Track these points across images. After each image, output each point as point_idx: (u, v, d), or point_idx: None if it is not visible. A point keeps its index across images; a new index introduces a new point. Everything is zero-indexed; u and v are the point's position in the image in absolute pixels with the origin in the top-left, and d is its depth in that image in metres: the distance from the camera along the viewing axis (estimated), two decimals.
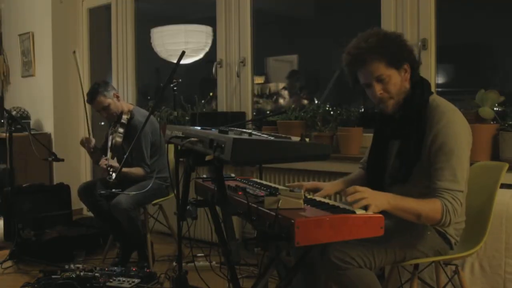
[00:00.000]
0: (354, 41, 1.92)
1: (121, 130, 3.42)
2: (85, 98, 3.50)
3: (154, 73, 5.75)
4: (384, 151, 2.03)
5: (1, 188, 4.15)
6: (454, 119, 1.83)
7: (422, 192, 1.83)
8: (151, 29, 4.16)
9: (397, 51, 1.88)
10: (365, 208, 1.64)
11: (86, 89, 3.63)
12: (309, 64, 4.47)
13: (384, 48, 1.86)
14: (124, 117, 3.46)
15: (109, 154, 3.30)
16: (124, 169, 3.28)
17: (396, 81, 1.90)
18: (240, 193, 1.92)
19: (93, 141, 3.45)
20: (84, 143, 3.46)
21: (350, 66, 1.94)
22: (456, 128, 1.81)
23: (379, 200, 1.68)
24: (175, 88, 3.39)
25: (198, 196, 2.30)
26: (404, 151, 1.92)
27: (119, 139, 3.39)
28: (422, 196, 1.79)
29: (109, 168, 3.19)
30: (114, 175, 3.17)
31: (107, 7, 5.24)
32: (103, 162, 3.28)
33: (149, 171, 3.42)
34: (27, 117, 5.27)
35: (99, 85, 3.46)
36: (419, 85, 1.94)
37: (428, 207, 1.75)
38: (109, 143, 3.36)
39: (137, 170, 3.39)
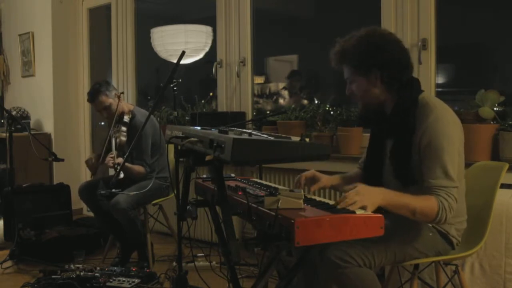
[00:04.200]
0: (343, 38, 1.97)
1: (124, 129, 3.42)
2: (86, 98, 3.51)
3: (154, 73, 5.75)
4: (380, 150, 2.03)
5: (1, 188, 4.15)
6: (442, 115, 1.82)
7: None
8: (151, 29, 4.15)
9: (366, 61, 1.89)
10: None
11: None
12: (309, 64, 4.46)
13: (354, 55, 1.91)
14: (126, 117, 3.46)
15: (115, 153, 3.31)
16: (128, 164, 3.29)
17: (362, 86, 1.94)
18: (240, 193, 1.92)
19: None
20: (90, 165, 3.49)
21: (331, 61, 2.02)
22: (444, 124, 1.80)
23: (372, 196, 1.68)
24: (175, 88, 3.39)
25: (198, 196, 2.30)
26: (395, 150, 1.92)
27: (123, 138, 3.39)
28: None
29: (116, 166, 3.19)
30: (122, 174, 3.18)
31: (107, 7, 5.25)
32: (109, 160, 3.28)
33: (149, 171, 3.42)
34: (27, 117, 5.28)
35: (100, 85, 3.46)
36: (409, 85, 1.93)
37: (424, 203, 1.75)
38: (113, 143, 3.36)
39: (139, 168, 3.39)
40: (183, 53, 2.55)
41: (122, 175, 3.19)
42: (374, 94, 1.94)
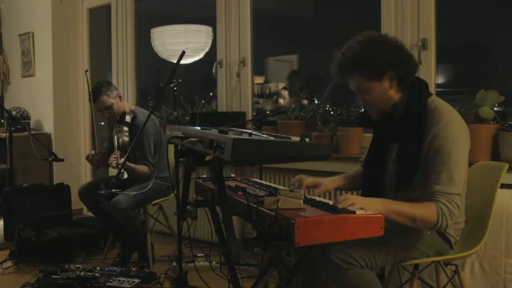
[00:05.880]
0: (341, 50, 1.92)
1: (126, 129, 3.42)
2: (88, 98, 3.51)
3: (154, 73, 5.74)
4: (383, 153, 2.02)
5: (1, 188, 4.15)
6: (451, 121, 1.81)
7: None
8: (151, 29, 4.16)
9: (378, 63, 1.83)
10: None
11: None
12: (309, 64, 4.47)
13: (362, 61, 1.84)
14: (128, 117, 3.46)
15: (117, 153, 3.31)
16: (131, 164, 3.29)
17: (376, 92, 1.88)
18: (240, 193, 1.92)
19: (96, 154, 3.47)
20: (91, 159, 3.48)
21: (335, 77, 1.96)
22: (453, 130, 1.80)
23: (371, 205, 1.69)
24: (175, 88, 3.39)
25: (198, 196, 2.30)
26: (403, 156, 1.90)
27: (126, 138, 3.39)
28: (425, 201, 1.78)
29: (119, 166, 3.19)
30: (126, 174, 3.18)
31: (107, 7, 5.25)
32: (113, 161, 3.28)
33: (153, 170, 3.42)
34: (27, 117, 5.27)
35: (102, 85, 3.46)
36: (416, 87, 1.91)
37: (423, 210, 1.75)
38: (116, 143, 3.36)
39: (142, 168, 3.39)
40: (183, 53, 2.55)
41: (126, 176, 3.19)
42: (389, 97, 1.90)
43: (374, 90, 1.88)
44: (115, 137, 3.39)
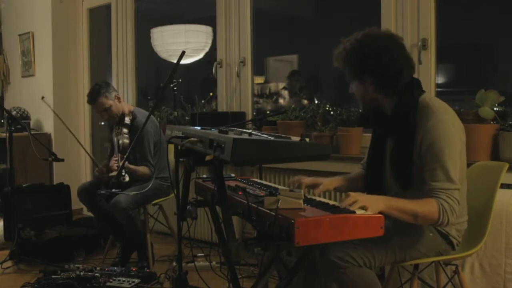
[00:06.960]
0: (347, 38, 1.98)
1: (125, 130, 3.42)
2: (86, 99, 3.51)
3: (154, 73, 5.74)
4: (381, 151, 2.03)
5: (1, 188, 4.16)
6: (443, 118, 1.81)
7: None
8: (151, 29, 4.16)
9: (358, 67, 1.90)
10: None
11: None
12: (309, 64, 4.47)
13: (344, 61, 1.94)
14: (127, 118, 3.46)
15: (118, 156, 3.31)
16: (132, 166, 3.29)
17: (359, 89, 1.97)
18: (240, 193, 1.92)
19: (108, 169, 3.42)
20: (99, 176, 3.45)
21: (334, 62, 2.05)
22: (445, 127, 1.80)
23: (373, 202, 1.69)
24: (175, 88, 3.39)
25: (198, 196, 2.30)
26: (395, 153, 1.92)
27: (126, 141, 3.38)
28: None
29: (120, 169, 3.19)
30: (127, 176, 3.18)
31: (107, 7, 5.25)
32: (114, 164, 3.28)
33: (153, 171, 3.42)
34: (27, 117, 5.28)
35: (100, 86, 3.46)
36: (409, 85, 1.92)
37: (424, 207, 1.75)
38: (116, 146, 3.36)
39: (143, 169, 3.39)
40: (183, 53, 2.55)
41: (127, 178, 3.18)
42: (371, 98, 1.96)
43: (357, 87, 1.97)
44: (115, 139, 3.38)
